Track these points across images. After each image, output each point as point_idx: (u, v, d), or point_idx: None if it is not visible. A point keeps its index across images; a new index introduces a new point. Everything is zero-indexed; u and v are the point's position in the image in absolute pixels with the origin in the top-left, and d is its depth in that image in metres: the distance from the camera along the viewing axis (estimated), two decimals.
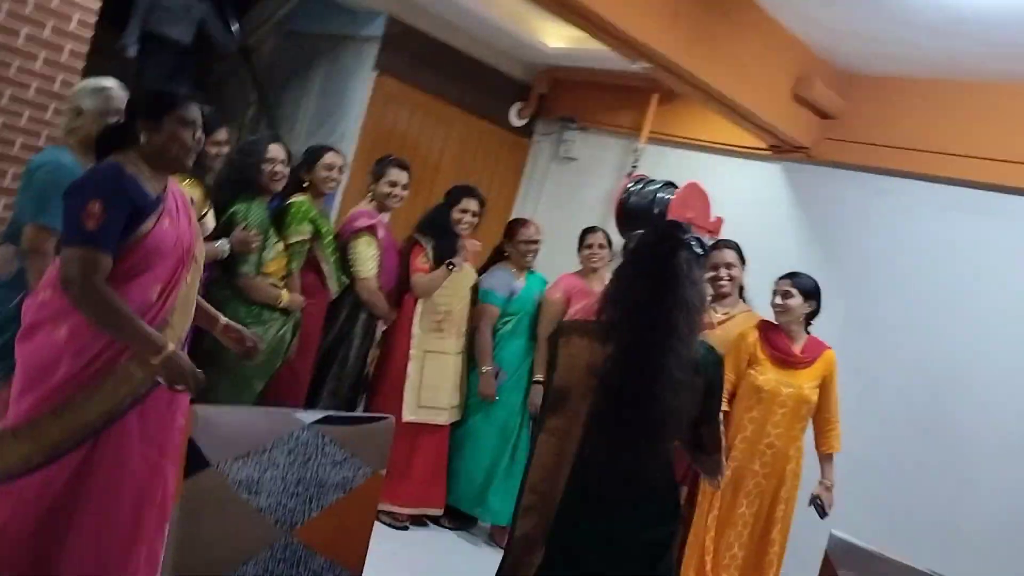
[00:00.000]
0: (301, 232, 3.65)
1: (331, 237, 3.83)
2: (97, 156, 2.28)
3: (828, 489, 3.47)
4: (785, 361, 3.45)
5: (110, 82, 2.75)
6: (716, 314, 3.75)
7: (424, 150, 5.68)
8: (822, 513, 3.44)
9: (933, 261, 4.39)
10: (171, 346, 2.15)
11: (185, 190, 3.05)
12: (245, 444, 1.59)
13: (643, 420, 2.09)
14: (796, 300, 3.44)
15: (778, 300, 3.48)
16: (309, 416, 1.71)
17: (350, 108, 5.40)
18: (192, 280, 2.34)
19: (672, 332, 2.09)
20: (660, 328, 2.09)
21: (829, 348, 3.52)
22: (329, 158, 3.80)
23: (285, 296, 3.53)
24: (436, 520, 4.22)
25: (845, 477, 3.70)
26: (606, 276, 3.91)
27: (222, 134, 3.29)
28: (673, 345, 2.08)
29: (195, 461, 1.52)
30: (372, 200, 4.03)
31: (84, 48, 4.27)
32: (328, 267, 3.80)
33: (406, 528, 4.04)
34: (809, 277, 3.50)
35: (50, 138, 4.23)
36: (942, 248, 4.38)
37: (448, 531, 4.22)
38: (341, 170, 3.89)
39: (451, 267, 3.98)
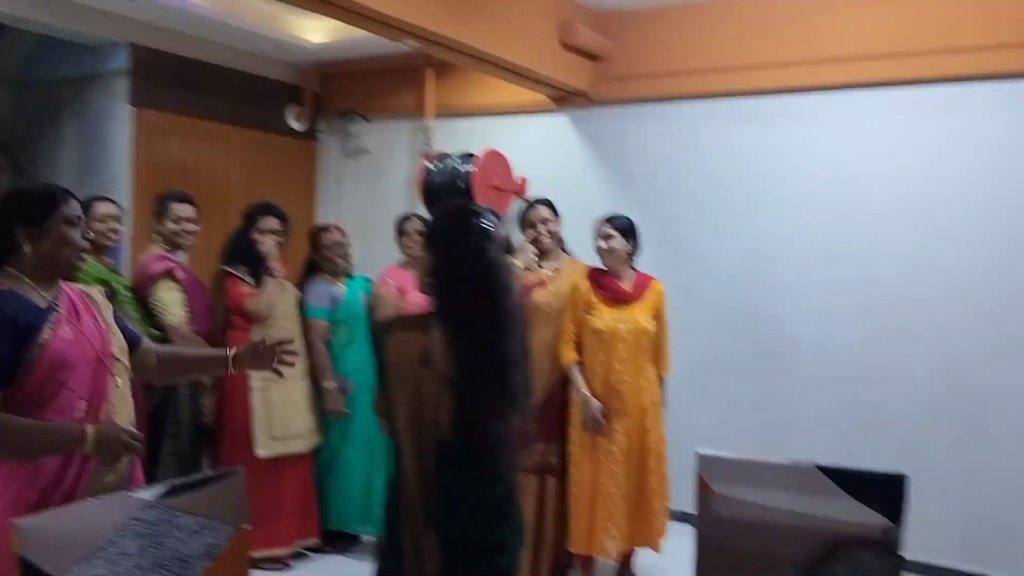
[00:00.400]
0: None
1: (127, 292, 3.57)
2: None
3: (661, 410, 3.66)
4: (617, 300, 3.59)
5: None
6: (543, 271, 3.82)
7: (207, 176, 5.37)
8: None
9: (724, 171, 4.67)
10: (88, 427, 1.96)
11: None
12: (84, 544, 1.44)
13: (490, 397, 2.10)
14: (618, 241, 3.58)
15: (602, 243, 3.60)
16: (150, 493, 1.57)
17: (113, 150, 5.00)
18: (123, 383, 2.14)
19: (510, 318, 2.11)
20: (499, 315, 2.10)
21: (656, 280, 3.68)
22: (101, 208, 3.54)
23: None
24: (316, 549, 4.08)
25: (685, 387, 3.93)
26: None
27: None
28: (512, 330, 2.11)
29: None
30: (163, 242, 3.78)
31: None
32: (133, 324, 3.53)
33: (289, 567, 3.89)
34: (625, 217, 3.65)
35: None
36: (729, 157, 4.65)
37: (333, 555, 4.09)
38: (118, 219, 3.62)
39: (271, 274, 3.81)
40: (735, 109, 4.62)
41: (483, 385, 2.09)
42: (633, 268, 3.70)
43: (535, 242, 3.81)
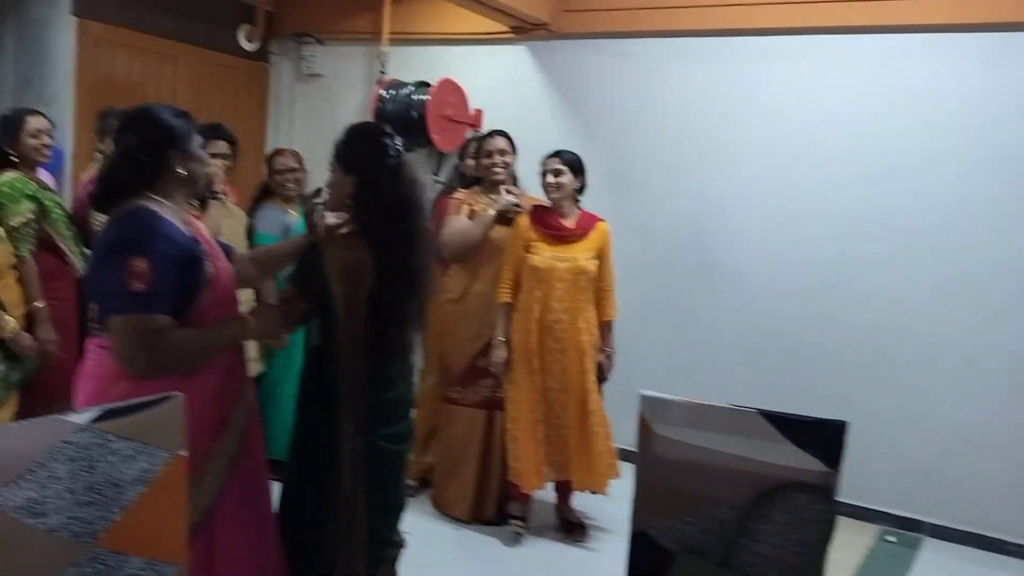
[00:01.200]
0: (20, 212, 3.28)
1: (60, 211, 3.45)
2: (101, 204, 2.05)
3: (608, 356, 3.64)
4: (558, 237, 3.53)
5: None
6: (497, 204, 3.77)
7: (153, 94, 5.17)
8: (602, 377, 3.62)
9: (682, 111, 4.63)
10: (245, 317, 2.14)
11: None
12: (12, 467, 1.39)
13: (415, 304, 2.35)
14: (567, 177, 3.51)
15: (551, 179, 3.52)
16: (82, 416, 1.52)
17: (55, 63, 4.77)
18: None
19: (415, 232, 2.30)
20: (405, 227, 2.28)
21: (602, 220, 3.63)
22: (33, 123, 3.41)
23: (10, 326, 3.11)
24: None
25: (630, 329, 3.95)
26: None
27: None
28: (422, 244, 2.34)
29: None
30: (103, 160, 3.65)
31: None
32: (67, 244, 3.43)
33: None
34: (573, 153, 3.57)
35: None
36: (689, 97, 4.61)
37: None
38: (51, 134, 3.48)
39: (216, 196, 3.71)
40: (698, 48, 4.56)
41: (399, 295, 2.26)
42: (578, 207, 3.65)
43: (489, 172, 3.76)
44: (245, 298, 3.37)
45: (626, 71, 4.77)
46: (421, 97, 5.01)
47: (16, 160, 3.37)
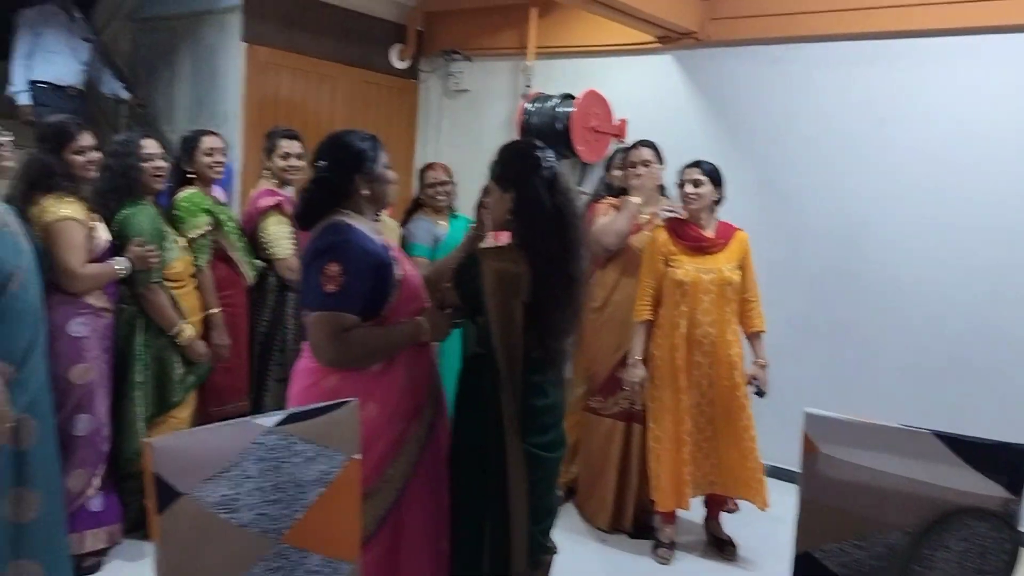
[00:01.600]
0: (198, 226, 3.53)
1: (232, 224, 3.69)
2: (305, 222, 2.33)
3: (762, 368, 3.51)
4: (699, 248, 3.45)
5: None
6: (642, 214, 3.76)
7: (312, 113, 5.47)
8: (760, 392, 3.50)
9: (836, 118, 4.46)
10: (420, 319, 2.32)
11: (62, 208, 2.88)
12: (211, 464, 1.52)
13: (572, 313, 2.39)
14: (707, 188, 3.43)
15: (690, 189, 3.45)
16: (269, 419, 1.64)
17: (226, 86, 5.13)
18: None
19: (574, 248, 2.34)
20: (565, 241, 2.32)
21: (740, 229, 3.53)
22: (208, 142, 3.65)
23: (187, 333, 3.38)
24: None
25: (782, 342, 3.80)
26: None
27: (86, 139, 3.07)
28: (579, 254, 2.37)
29: (164, 494, 1.43)
30: (272, 177, 3.89)
31: None
32: (237, 255, 3.66)
33: None
34: (712, 163, 3.49)
35: None
36: (843, 103, 4.44)
37: None
38: (224, 152, 3.73)
39: None
40: (853, 52, 4.39)
41: (556, 305, 2.32)
42: (715, 217, 3.55)
43: (631, 182, 3.75)
44: None
45: (776, 77, 4.64)
46: (566, 109, 5.05)
47: (193, 177, 3.64)
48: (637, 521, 3.79)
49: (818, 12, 4.43)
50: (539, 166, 2.36)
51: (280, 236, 3.75)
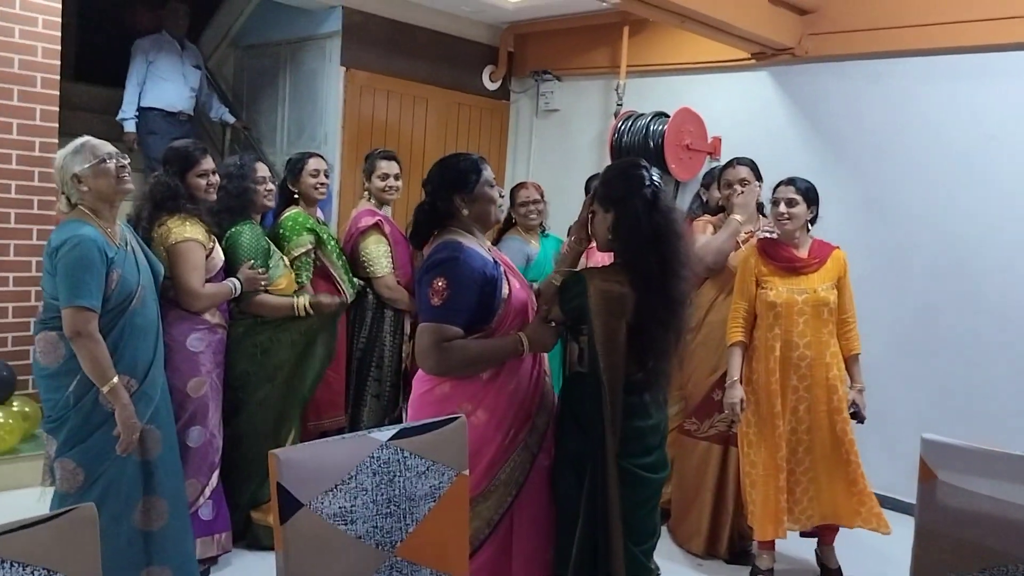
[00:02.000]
0: (302, 244, 3.64)
1: (334, 243, 3.79)
2: (418, 240, 2.48)
3: (860, 392, 3.37)
4: (792, 269, 3.35)
5: (82, 137, 2.68)
6: (739, 233, 3.70)
7: (406, 134, 5.60)
8: (860, 418, 3.36)
9: (941, 133, 4.32)
10: (520, 335, 2.36)
11: (186, 230, 3.03)
12: (330, 476, 1.57)
13: (675, 334, 2.38)
14: (802, 207, 3.33)
15: (783, 208, 3.34)
16: (384, 434, 1.68)
17: (326, 109, 5.31)
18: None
19: (677, 268, 2.33)
20: (669, 264, 2.32)
21: (837, 248, 3.42)
22: (313, 164, 3.77)
23: (301, 303, 3.50)
24: None
25: (887, 364, 3.67)
26: None
27: (208, 163, 3.24)
28: (682, 274, 2.35)
29: (288, 504, 1.49)
30: (370, 198, 3.99)
31: (55, 107, 4.22)
32: (338, 272, 3.76)
33: None
34: (806, 181, 3.39)
35: (42, 204, 4.19)
36: (947, 118, 4.30)
37: None
38: (327, 174, 3.85)
39: None
40: (959, 66, 4.25)
41: (659, 326, 2.32)
42: (809, 236, 3.44)
43: (729, 201, 3.70)
44: None
45: (877, 93, 4.53)
46: (659, 127, 5.04)
47: (297, 197, 3.77)
48: (733, 546, 3.71)
49: (921, 26, 4.31)
50: (640, 185, 2.36)
51: (379, 255, 3.84)
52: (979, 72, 4.20)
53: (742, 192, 3.65)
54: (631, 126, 5.21)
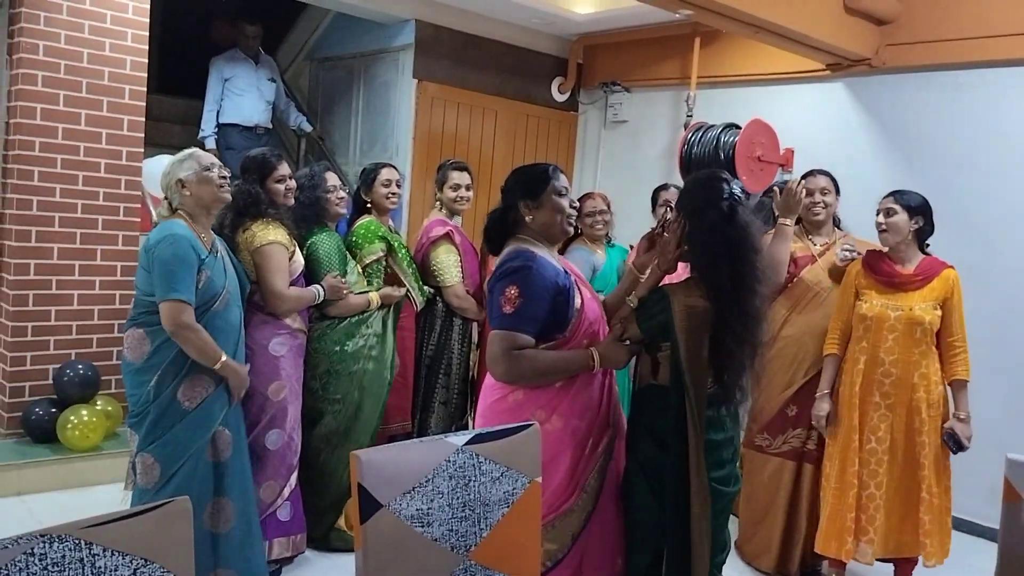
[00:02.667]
0: (374, 251, 3.70)
1: (404, 251, 3.85)
2: (492, 247, 2.50)
3: (961, 420, 3.22)
4: (891, 284, 3.26)
5: (189, 148, 2.88)
6: (815, 246, 3.65)
7: (475, 145, 5.67)
8: (955, 447, 3.22)
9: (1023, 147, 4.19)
10: (592, 350, 2.35)
11: (270, 233, 3.12)
12: (409, 479, 1.60)
13: (750, 350, 2.33)
14: (901, 217, 3.24)
15: (880, 219, 3.27)
16: (460, 438, 1.71)
17: (398, 120, 5.40)
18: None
19: (753, 284, 2.30)
20: (744, 280, 2.28)
21: (949, 267, 3.28)
22: (385, 174, 3.83)
23: (374, 297, 3.57)
24: None
25: (973, 383, 3.55)
26: None
27: (284, 168, 3.33)
28: (757, 290, 2.31)
29: (368, 505, 1.52)
30: (442, 208, 4.04)
31: (141, 118, 4.39)
32: (408, 280, 3.81)
33: None
34: (916, 193, 3.30)
35: (128, 212, 4.36)
36: None
37: None
38: (399, 184, 3.91)
39: None
40: None
41: (735, 341, 2.27)
42: (924, 252, 3.35)
43: (809, 211, 3.65)
44: None
45: (959, 105, 4.41)
46: (730, 138, 4.99)
47: (370, 206, 3.84)
48: (805, 566, 3.64)
49: (1003, 36, 4.19)
50: (718, 196, 2.33)
51: (449, 264, 3.89)
52: None
53: (820, 204, 3.60)
54: (701, 137, 5.16)
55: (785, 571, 3.65)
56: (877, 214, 3.31)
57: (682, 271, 2.54)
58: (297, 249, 3.35)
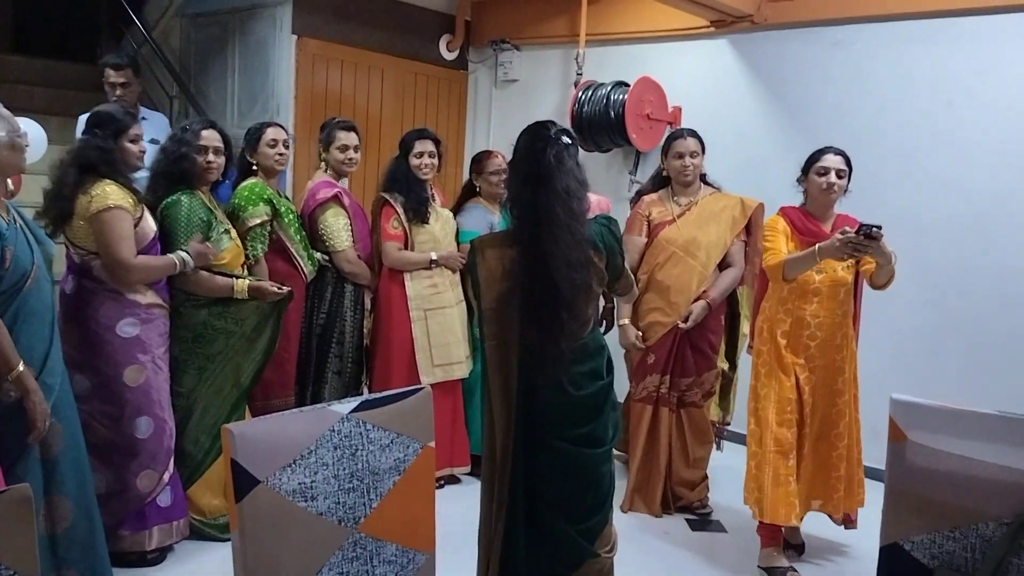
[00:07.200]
0: (257, 214, 3.49)
1: (292, 216, 3.66)
2: None
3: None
4: (812, 244, 2.98)
5: None
6: (678, 207, 3.73)
7: (361, 105, 5.47)
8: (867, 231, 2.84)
9: (902, 100, 4.32)
10: None
11: (109, 196, 2.84)
12: (288, 452, 1.50)
13: (555, 303, 2.20)
14: (846, 180, 3.12)
15: (833, 179, 3.07)
16: (344, 406, 1.61)
17: (278, 79, 5.15)
18: None
19: (552, 221, 2.20)
20: (543, 221, 2.21)
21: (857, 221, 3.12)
22: (271, 133, 3.64)
23: (241, 285, 3.26)
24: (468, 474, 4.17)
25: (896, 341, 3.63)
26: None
27: (139, 128, 3.03)
28: (555, 233, 2.20)
29: (243, 481, 1.41)
30: (327, 169, 3.87)
31: None
32: (296, 247, 3.63)
33: (441, 486, 3.97)
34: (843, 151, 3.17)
35: None
36: (908, 85, 4.30)
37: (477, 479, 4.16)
38: (287, 144, 3.70)
39: (432, 264, 3.91)
40: (918, 31, 4.24)
41: (540, 299, 2.19)
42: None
43: (680, 173, 3.71)
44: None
45: (837, 60, 4.52)
46: (619, 96, 4.98)
47: (255, 168, 3.63)
48: (666, 504, 3.86)
49: None
50: (532, 141, 2.32)
51: (338, 228, 3.74)
52: (937, 37, 4.20)
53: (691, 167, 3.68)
54: (591, 96, 5.14)
55: (651, 510, 3.83)
56: (825, 172, 3.10)
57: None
58: (147, 212, 3.04)
